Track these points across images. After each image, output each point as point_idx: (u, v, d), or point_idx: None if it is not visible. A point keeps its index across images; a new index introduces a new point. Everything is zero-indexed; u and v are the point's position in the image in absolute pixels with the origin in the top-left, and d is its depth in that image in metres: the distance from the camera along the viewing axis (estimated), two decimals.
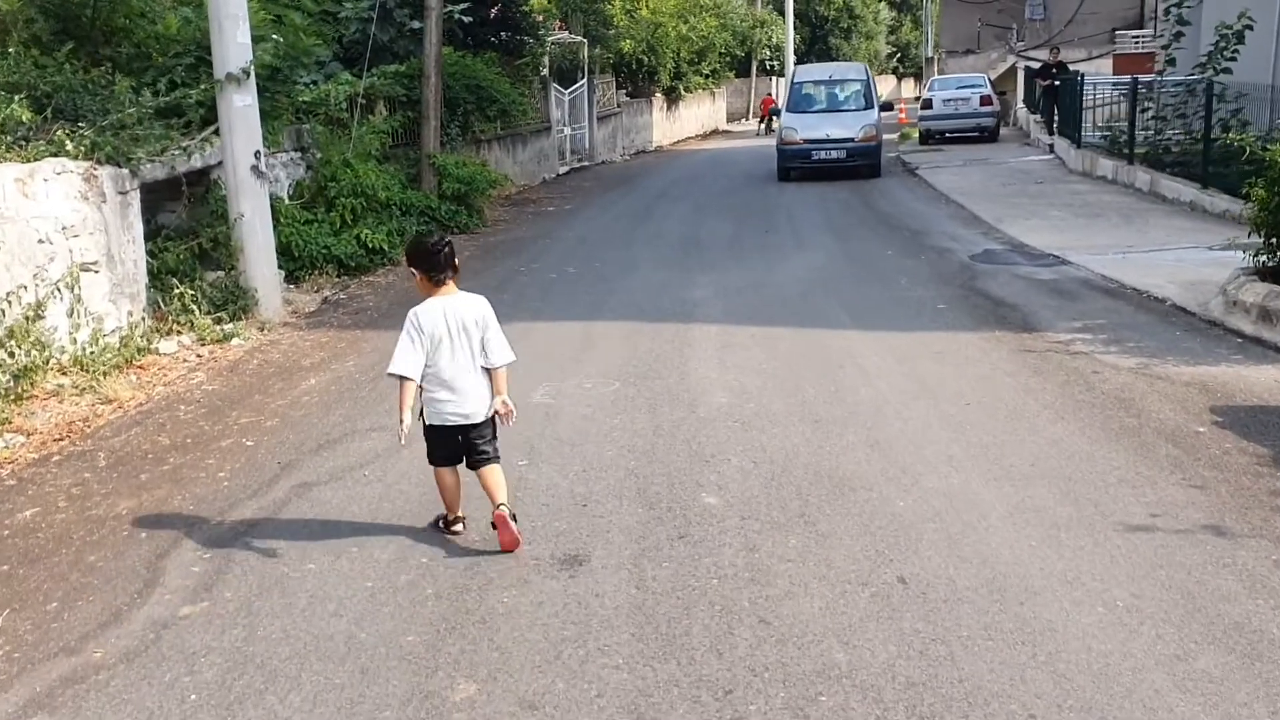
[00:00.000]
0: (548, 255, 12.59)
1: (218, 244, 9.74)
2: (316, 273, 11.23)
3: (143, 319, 8.77)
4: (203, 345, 8.67)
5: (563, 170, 24.20)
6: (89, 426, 6.61)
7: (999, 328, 8.09)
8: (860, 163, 20.07)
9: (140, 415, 6.80)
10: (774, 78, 50.37)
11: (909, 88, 65.25)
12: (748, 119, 48.52)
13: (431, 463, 4.72)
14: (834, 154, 19.98)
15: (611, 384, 7.00)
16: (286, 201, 11.81)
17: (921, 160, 22.39)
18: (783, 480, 5.17)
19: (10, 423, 6.66)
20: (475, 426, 4.59)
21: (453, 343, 4.52)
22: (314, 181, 12.35)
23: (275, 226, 10.83)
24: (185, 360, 8.20)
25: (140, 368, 7.99)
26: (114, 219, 8.51)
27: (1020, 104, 31.20)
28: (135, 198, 8.93)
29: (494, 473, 4.63)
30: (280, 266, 10.86)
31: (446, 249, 4.59)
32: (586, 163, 26.09)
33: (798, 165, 20.28)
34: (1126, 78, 20.59)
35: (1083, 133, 18.75)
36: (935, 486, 5.03)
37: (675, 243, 13.20)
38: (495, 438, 4.71)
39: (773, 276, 10.65)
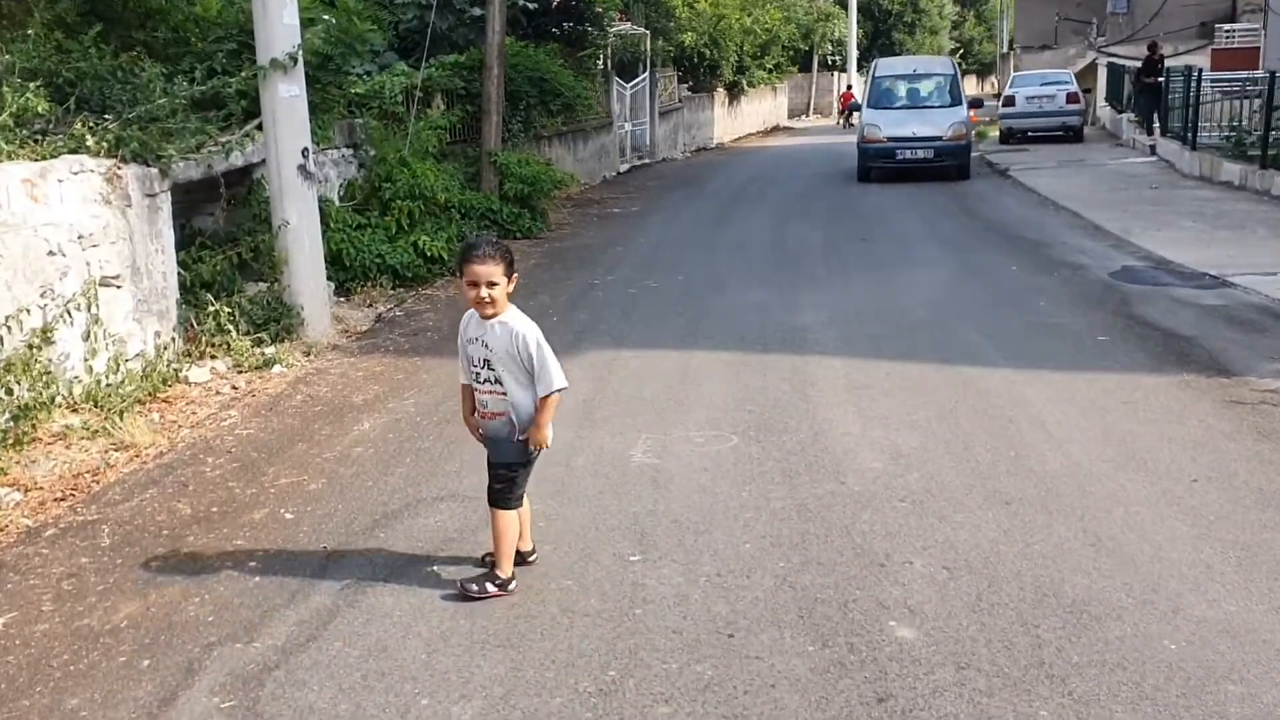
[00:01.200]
0: (622, 265, 11.31)
1: (259, 254, 8.57)
2: (369, 285, 10.05)
3: (173, 339, 7.62)
4: (239, 373, 7.49)
5: (624, 168, 22.94)
6: (97, 482, 5.42)
7: (1185, 369, 6.69)
8: (949, 163, 18.63)
9: (159, 470, 5.61)
10: (836, 73, 48.81)
11: (971, 84, 63.34)
12: (808, 115, 47.01)
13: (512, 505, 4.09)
14: (920, 153, 18.56)
15: (727, 438, 5.71)
16: (337, 204, 10.65)
17: (1009, 160, 20.86)
18: (994, 600, 3.85)
19: (6, 474, 5.51)
20: None
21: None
22: (367, 182, 11.18)
23: (324, 233, 9.69)
24: (218, 393, 7.02)
25: (165, 401, 6.82)
26: (140, 225, 7.36)
27: (1103, 101, 29.49)
28: (166, 200, 7.77)
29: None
30: (329, 278, 9.70)
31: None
32: (647, 160, 24.81)
33: (880, 165, 18.88)
34: (1243, 73, 18.99)
35: (1198, 134, 17.14)
36: (1206, 616, 3.69)
37: (764, 253, 11.86)
38: None
39: (888, 296, 9.29)
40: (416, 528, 4.71)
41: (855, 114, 25.56)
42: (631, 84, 23.81)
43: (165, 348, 7.47)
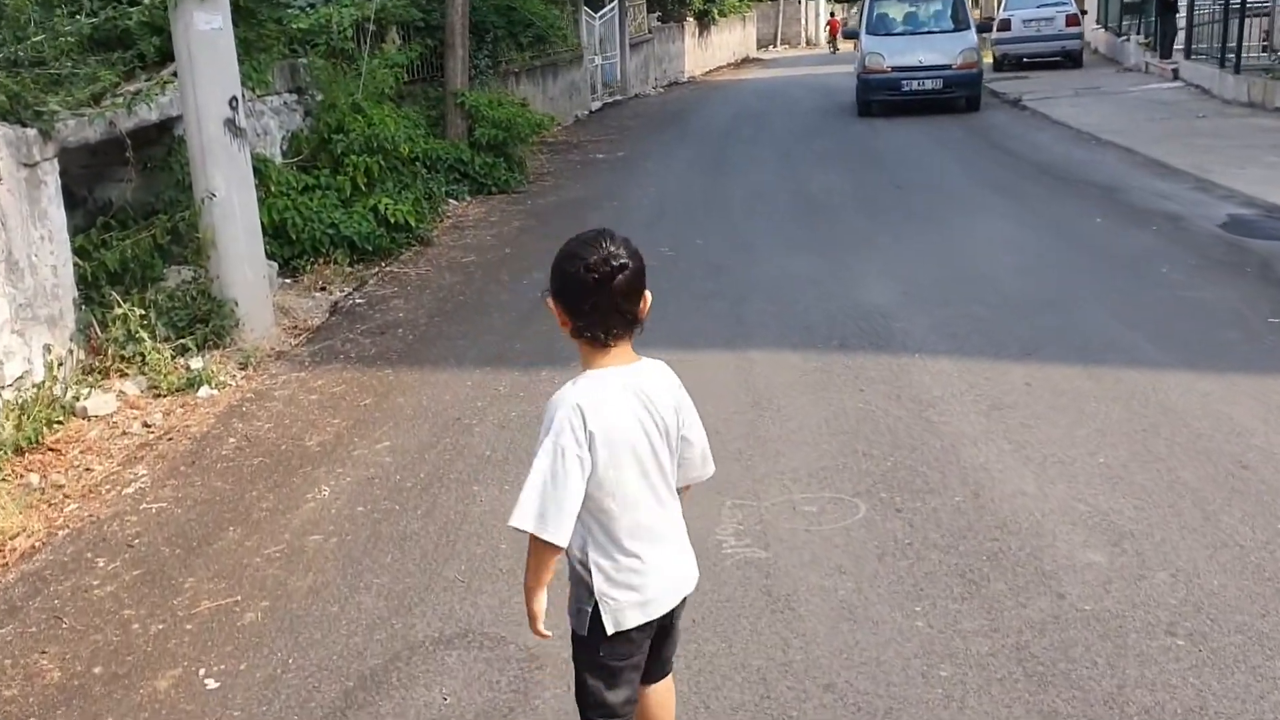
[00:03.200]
0: (624, 227, 9.41)
1: (179, 234, 6.67)
2: (321, 261, 8.16)
3: (69, 353, 5.77)
4: (156, 397, 5.68)
5: (595, 106, 20.92)
6: None
7: None
8: (958, 94, 16.87)
9: (22, 585, 3.80)
10: (802, 1, 46.69)
11: None
12: (776, 45, 44.91)
13: (603, 713, 2.28)
14: (928, 84, 16.75)
15: (850, 505, 3.99)
16: (279, 162, 8.70)
17: (1016, 90, 19.07)
18: None
19: None
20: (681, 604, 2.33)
21: (653, 459, 2.20)
22: (315, 134, 9.23)
23: (263, 200, 7.82)
24: (125, 432, 5.19)
25: (53, 451, 5.00)
26: (16, 205, 5.50)
27: (1094, 24, 27.72)
28: (52, 171, 5.89)
29: (671, 688, 2.50)
30: (272, 255, 7.84)
31: (611, 267, 2.10)
32: (619, 97, 22.77)
33: (884, 97, 17.05)
34: None
35: (1241, 55, 15.45)
36: None
37: (788, 206, 10.06)
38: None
39: (965, 260, 7.58)
40: (410, 704, 2.95)
41: (848, 41, 23.61)
42: (600, 14, 21.70)
43: (58, 365, 5.61)
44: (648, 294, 2.15)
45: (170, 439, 5.08)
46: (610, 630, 2.16)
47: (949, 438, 4.54)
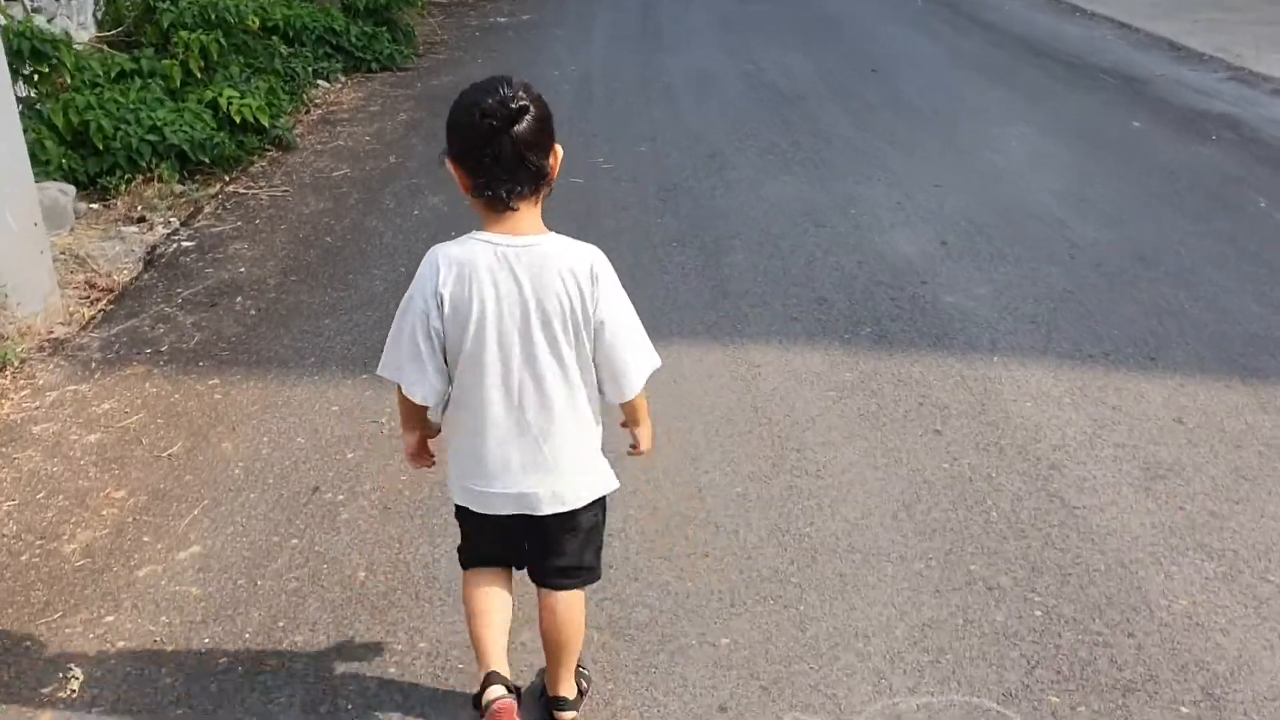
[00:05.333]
0: None
1: None
2: (141, 179, 6.01)
3: None
4: None
5: None
6: None
7: None
8: None
9: None
10: None
11: None
12: None
13: (462, 565, 2.23)
14: None
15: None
16: (87, 38, 6.45)
17: None
18: None
19: None
20: (559, 518, 2.05)
21: (517, 341, 1.97)
22: (132, 3, 6.92)
23: (55, 96, 5.74)
24: None
25: None
26: None
27: None
28: None
29: (573, 605, 2.16)
30: (70, 173, 5.74)
31: (510, 109, 1.87)
32: None
33: None
34: None
35: None
36: None
37: (745, 96, 8.09)
38: (598, 536, 2.18)
39: (1000, 185, 5.87)
40: None
41: None
42: None
43: None
44: (558, 147, 1.96)
45: None
46: (455, 500, 2.14)
47: (1108, 542, 2.86)
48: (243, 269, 5.00)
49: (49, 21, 6.94)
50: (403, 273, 4.82)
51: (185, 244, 5.34)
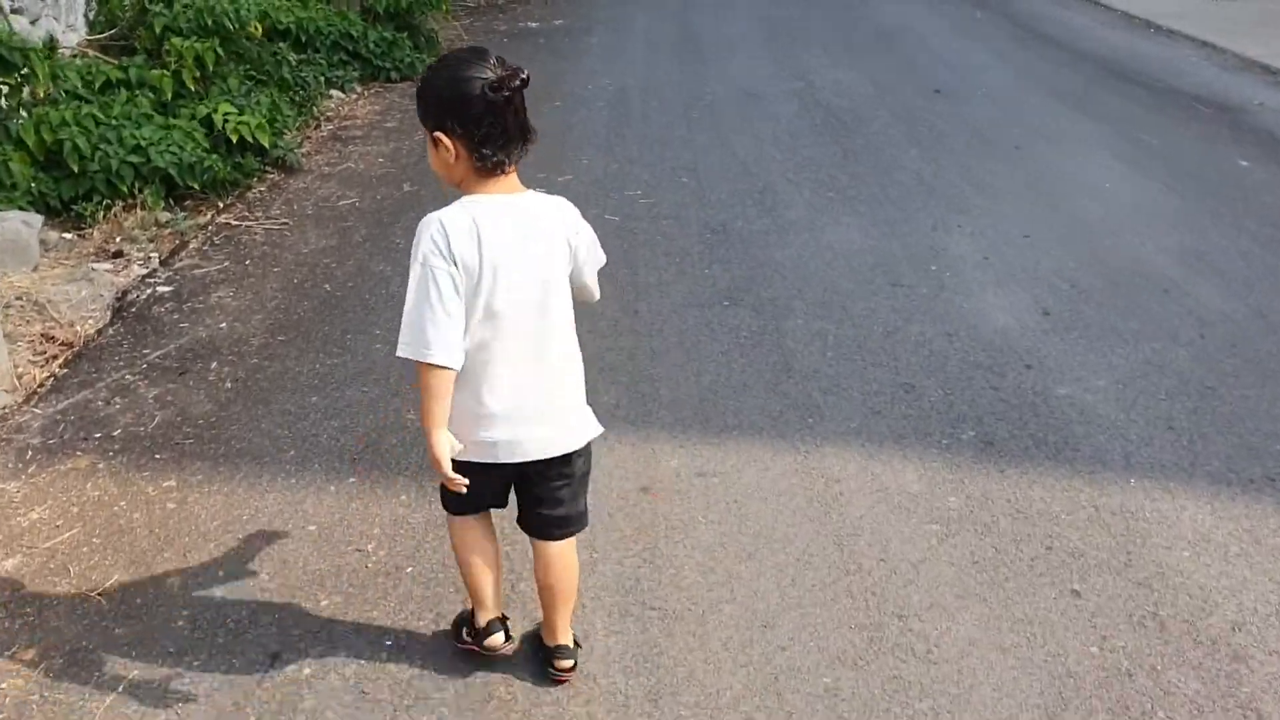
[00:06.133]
0: (575, 146, 6.70)
1: None
2: (122, 206, 5.33)
3: None
4: None
5: None
6: None
7: None
8: None
9: None
10: None
11: None
12: None
13: (446, 508, 2.31)
14: None
15: None
16: (75, 42, 5.80)
17: None
18: None
19: None
20: (551, 463, 2.14)
21: (528, 291, 2.07)
22: (128, 3, 6.25)
23: (28, 108, 5.15)
24: None
25: None
26: None
27: None
28: None
29: (569, 553, 2.31)
30: (40, 197, 5.09)
31: (516, 84, 2.01)
32: None
33: None
34: None
35: None
36: None
37: (797, 118, 7.33)
38: (588, 481, 2.29)
39: (1102, 238, 5.08)
40: None
41: None
42: None
43: None
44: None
45: None
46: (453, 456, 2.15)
47: None
48: (224, 324, 4.29)
49: (32, 23, 6.28)
50: None
51: (161, 289, 4.64)
